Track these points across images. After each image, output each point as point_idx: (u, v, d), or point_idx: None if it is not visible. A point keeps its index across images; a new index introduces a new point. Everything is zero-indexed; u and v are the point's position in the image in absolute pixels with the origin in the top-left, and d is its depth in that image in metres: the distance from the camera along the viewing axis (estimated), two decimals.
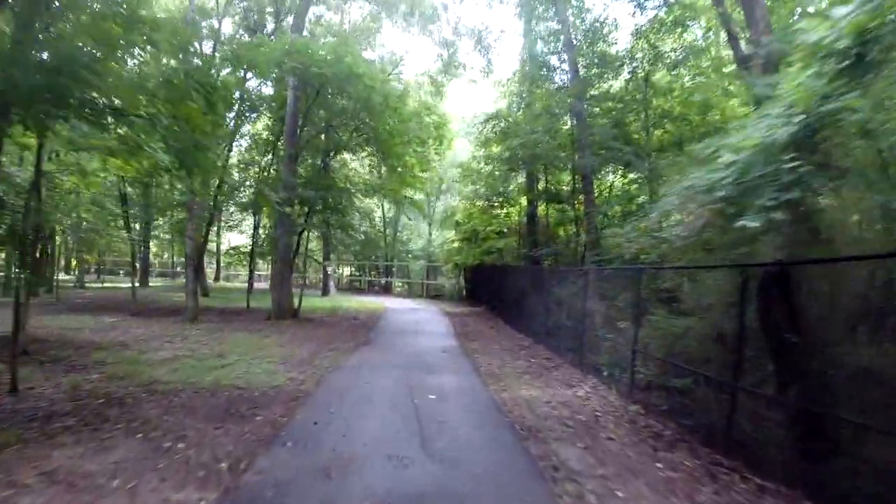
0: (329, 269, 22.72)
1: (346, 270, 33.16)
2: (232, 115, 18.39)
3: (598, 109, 13.09)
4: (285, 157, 13.85)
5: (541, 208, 16.19)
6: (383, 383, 6.59)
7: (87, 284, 26.67)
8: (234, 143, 17.84)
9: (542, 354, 9.41)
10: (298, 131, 13.89)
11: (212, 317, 13.73)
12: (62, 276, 34.79)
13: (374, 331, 11.91)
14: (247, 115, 18.49)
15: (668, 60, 13.63)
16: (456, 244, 19.88)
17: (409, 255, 28.70)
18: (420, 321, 14.07)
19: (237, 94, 17.79)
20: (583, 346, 8.28)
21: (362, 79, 11.66)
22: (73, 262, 31.75)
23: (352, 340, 10.23)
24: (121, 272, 37.40)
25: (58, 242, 26.40)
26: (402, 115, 14.03)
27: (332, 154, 16.52)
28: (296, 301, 14.28)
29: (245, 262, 20.07)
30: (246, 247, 19.54)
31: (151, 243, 31.94)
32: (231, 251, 20.29)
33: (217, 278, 36.26)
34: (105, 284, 29.31)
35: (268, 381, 6.56)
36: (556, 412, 5.66)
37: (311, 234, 20.11)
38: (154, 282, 31.91)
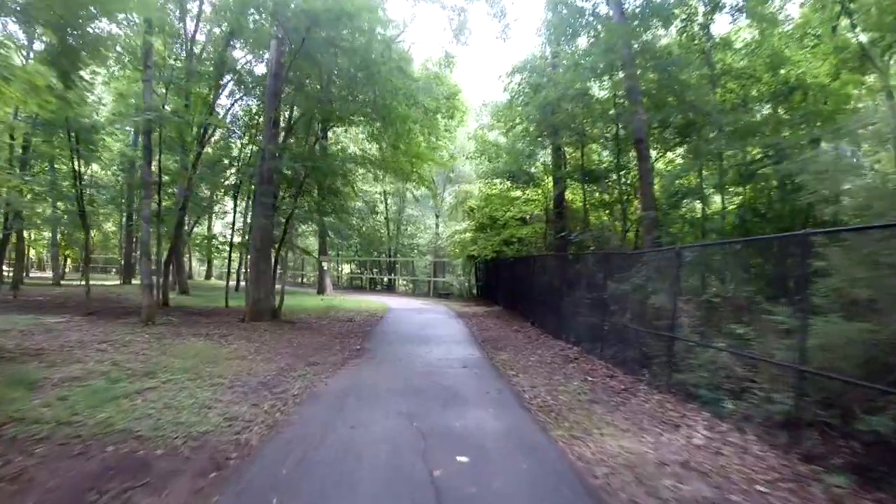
0: (325, 266, 20.26)
1: (347, 268, 30.68)
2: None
3: (648, 64, 10.50)
4: (266, 124, 11.37)
5: (569, 192, 13.65)
6: (379, 428, 4.06)
7: (63, 282, 24.33)
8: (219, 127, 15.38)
9: (601, 370, 6.86)
10: (281, 94, 11.41)
11: (177, 317, 11.31)
12: (41, 273, 32.81)
13: (372, 337, 9.39)
14: (239, 94, 16.03)
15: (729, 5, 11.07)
16: (468, 234, 17.33)
17: (415, 251, 26.16)
18: (429, 324, 11.55)
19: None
20: (672, 359, 5.72)
21: (359, 15, 9.15)
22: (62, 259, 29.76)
23: (340, 351, 7.72)
24: (114, 270, 35.37)
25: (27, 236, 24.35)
26: (406, 72, 11.53)
27: (326, 126, 14.03)
28: (280, 299, 11.82)
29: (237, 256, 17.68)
30: (222, 236, 17.07)
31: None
32: (205, 241, 17.75)
33: (209, 275, 33.93)
34: (85, 283, 26.94)
35: (191, 422, 4.06)
36: (688, 487, 3.12)
37: (306, 226, 17.69)
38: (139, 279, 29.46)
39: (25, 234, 25.89)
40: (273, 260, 13.37)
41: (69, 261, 33.50)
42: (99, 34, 10.24)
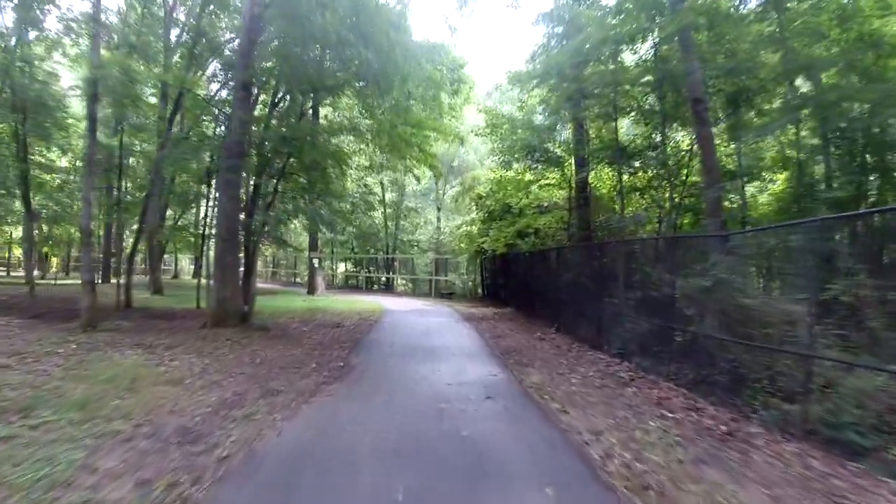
0: (317, 263, 18.33)
1: (342, 266, 28.72)
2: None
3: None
4: (235, 88, 9.44)
5: (592, 176, 11.72)
6: None
7: (42, 282, 22.36)
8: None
9: (676, 398, 4.94)
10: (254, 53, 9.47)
11: (131, 321, 9.43)
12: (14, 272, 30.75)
13: (362, 349, 7.45)
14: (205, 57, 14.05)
15: None
16: (476, 226, 15.38)
17: (415, 248, 24.21)
18: (432, 330, 9.60)
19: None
20: (797, 385, 3.82)
21: None
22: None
23: (317, 370, 5.78)
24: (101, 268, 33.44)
25: None
26: (404, 28, 9.60)
27: (316, 103, 12.10)
28: (252, 299, 9.89)
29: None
30: (186, 225, 15.13)
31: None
32: (175, 232, 15.69)
33: (197, 274, 31.89)
34: (61, 282, 24.99)
35: None
36: None
37: (297, 220, 15.76)
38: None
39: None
40: (248, 253, 11.46)
41: (53, 259, 31.57)
42: None
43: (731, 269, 5.21)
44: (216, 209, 9.29)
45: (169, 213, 18.04)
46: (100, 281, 23.91)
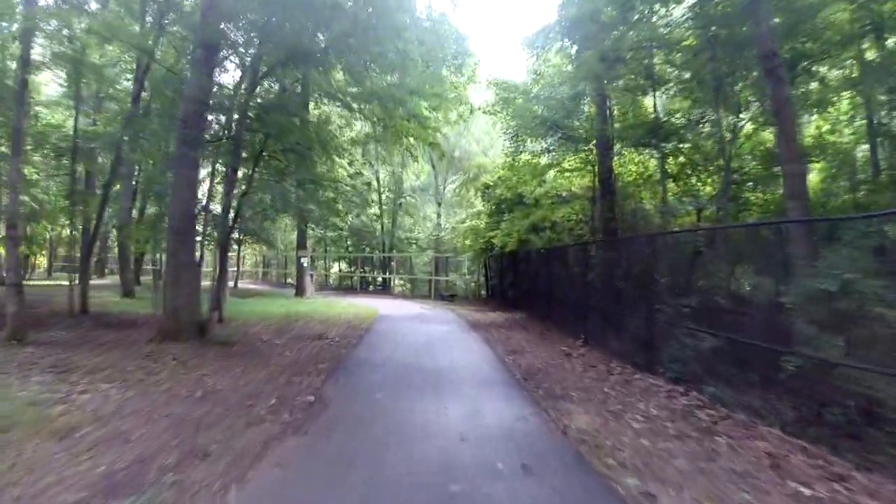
0: (305, 263, 16.70)
1: (336, 266, 27.07)
2: None
3: None
4: (194, 47, 7.81)
5: (616, 163, 10.13)
6: None
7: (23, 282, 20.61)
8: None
9: (800, 459, 3.32)
10: None
11: (73, 331, 7.85)
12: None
13: (343, 372, 5.83)
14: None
15: None
16: (482, 221, 13.76)
17: (413, 246, 22.57)
18: (434, 342, 7.98)
19: None
20: None
21: None
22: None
23: (275, 411, 4.16)
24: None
25: None
26: None
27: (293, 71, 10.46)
28: (217, 306, 8.29)
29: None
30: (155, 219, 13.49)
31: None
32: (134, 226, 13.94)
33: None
34: (40, 282, 23.31)
35: None
36: None
37: (269, 206, 14.16)
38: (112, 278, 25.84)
39: None
40: (221, 251, 9.87)
41: (38, 259, 29.80)
42: None
43: (861, 268, 3.64)
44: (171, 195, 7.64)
45: (152, 208, 16.42)
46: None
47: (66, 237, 29.89)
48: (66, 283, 10.64)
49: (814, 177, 10.33)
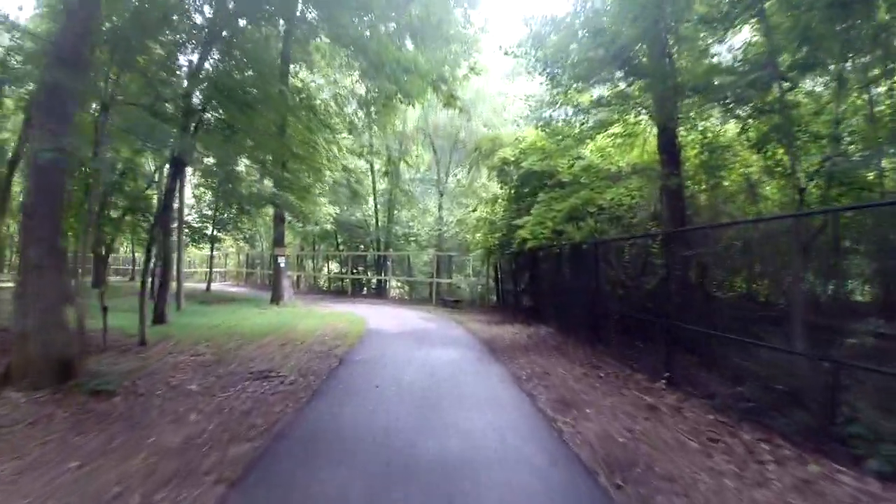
0: (283, 263, 14.02)
1: (326, 267, 24.36)
2: None
3: None
4: None
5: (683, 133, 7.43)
6: None
7: None
8: None
9: None
10: None
11: None
12: None
13: (273, 474, 3.10)
14: None
15: None
16: (500, 207, 11.01)
17: (412, 243, 19.85)
18: (443, 386, 5.25)
19: None
20: None
21: None
22: None
23: None
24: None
25: None
26: None
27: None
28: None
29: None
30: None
31: None
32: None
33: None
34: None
35: None
36: None
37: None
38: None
39: None
40: (163, 250, 7.23)
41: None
42: None
43: None
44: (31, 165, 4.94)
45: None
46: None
47: None
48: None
49: None
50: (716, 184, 8.21)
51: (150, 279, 7.94)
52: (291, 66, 12.36)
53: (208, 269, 19.08)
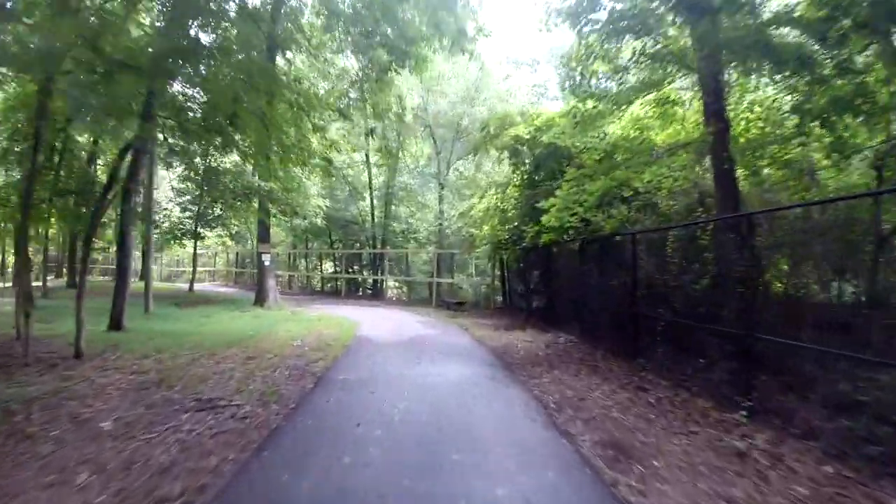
0: (268, 261, 12.69)
1: (320, 266, 23.03)
2: None
3: None
4: None
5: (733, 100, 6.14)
6: None
7: None
8: None
9: None
10: None
11: None
12: None
13: None
14: None
15: None
16: (511, 195, 9.64)
17: (411, 241, 18.53)
18: (451, 423, 3.92)
19: None
20: None
21: None
22: None
23: None
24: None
25: None
26: None
27: None
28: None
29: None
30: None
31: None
32: None
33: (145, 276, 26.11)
34: None
35: None
36: None
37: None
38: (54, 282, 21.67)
39: None
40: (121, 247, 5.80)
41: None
42: None
43: None
44: None
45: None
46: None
47: None
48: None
49: None
50: (767, 165, 6.92)
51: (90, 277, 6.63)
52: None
53: (192, 269, 17.72)
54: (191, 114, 7.95)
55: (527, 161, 8.61)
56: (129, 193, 8.25)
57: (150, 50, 5.78)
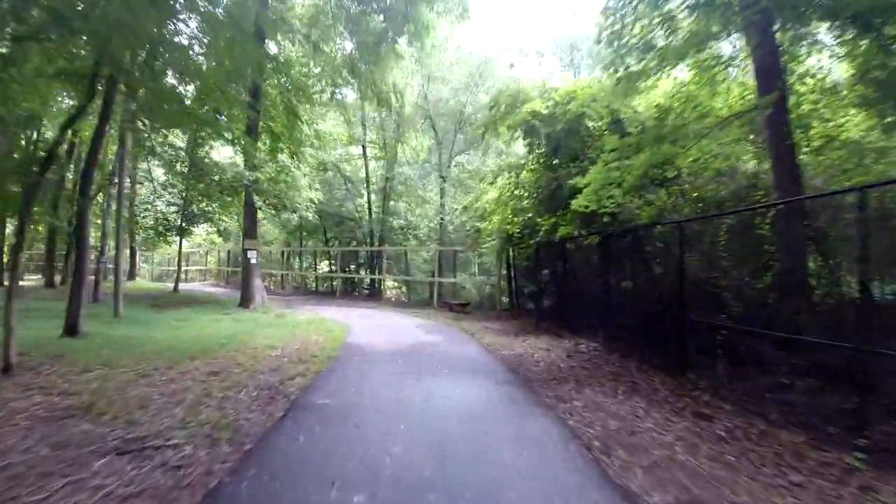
0: (254, 259, 11.66)
1: (316, 265, 21.96)
2: None
3: None
4: None
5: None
6: None
7: None
8: None
9: None
10: None
11: None
12: None
13: None
14: None
15: None
16: (527, 178, 8.48)
17: (410, 238, 17.48)
18: (461, 463, 2.93)
19: None
20: None
21: None
22: None
23: None
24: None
25: None
26: None
27: None
28: None
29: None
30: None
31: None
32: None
33: (133, 275, 24.79)
34: None
35: None
36: None
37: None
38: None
39: None
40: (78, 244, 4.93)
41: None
42: None
43: None
44: None
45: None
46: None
47: None
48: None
49: None
50: (829, 140, 5.91)
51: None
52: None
53: (177, 267, 16.65)
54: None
55: (543, 142, 7.55)
56: (89, 167, 7.15)
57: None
